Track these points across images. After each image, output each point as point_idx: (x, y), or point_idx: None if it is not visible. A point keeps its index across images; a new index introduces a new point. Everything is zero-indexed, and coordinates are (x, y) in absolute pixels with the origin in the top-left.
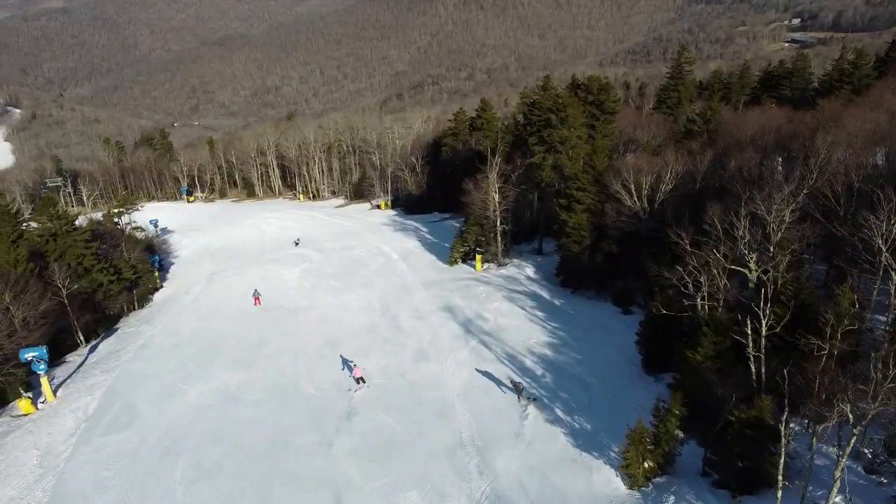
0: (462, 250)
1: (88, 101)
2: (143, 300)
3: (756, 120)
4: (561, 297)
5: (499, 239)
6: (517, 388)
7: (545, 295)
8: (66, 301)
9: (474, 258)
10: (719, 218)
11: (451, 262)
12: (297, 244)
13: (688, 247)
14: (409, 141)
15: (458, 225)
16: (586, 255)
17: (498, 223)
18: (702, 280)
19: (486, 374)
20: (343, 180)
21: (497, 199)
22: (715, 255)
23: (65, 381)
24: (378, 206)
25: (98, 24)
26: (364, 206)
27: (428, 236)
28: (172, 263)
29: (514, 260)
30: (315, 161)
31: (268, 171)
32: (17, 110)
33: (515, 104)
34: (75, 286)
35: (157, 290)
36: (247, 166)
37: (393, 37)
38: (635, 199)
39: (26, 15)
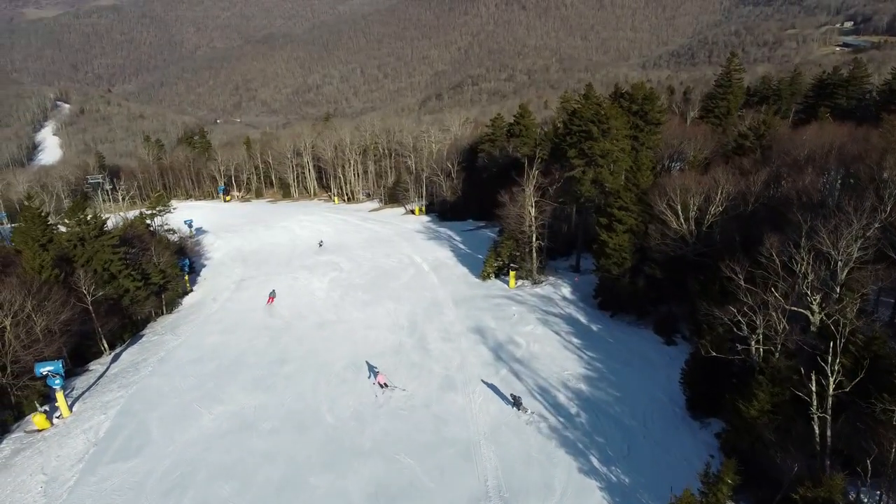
0: (495, 265)
1: (135, 97)
2: (172, 305)
3: (814, 136)
4: (599, 321)
5: (534, 255)
6: (516, 402)
7: (582, 319)
8: (90, 308)
9: (508, 274)
10: (777, 250)
11: (484, 277)
12: (321, 245)
13: (742, 282)
14: (446, 145)
15: (492, 235)
16: (627, 278)
17: (533, 239)
18: (757, 321)
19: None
20: (378, 183)
21: (533, 213)
22: (773, 295)
23: (83, 394)
24: (412, 211)
25: (146, 21)
26: (398, 211)
27: (461, 246)
28: (204, 265)
29: (550, 278)
30: (350, 163)
31: (304, 172)
32: (67, 105)
33: (555, 107)
34: (100, 293)
35: (186, 293)
36: (283, 167)
37: (434, 36)
38: (681, 220)
39: (78, 12)
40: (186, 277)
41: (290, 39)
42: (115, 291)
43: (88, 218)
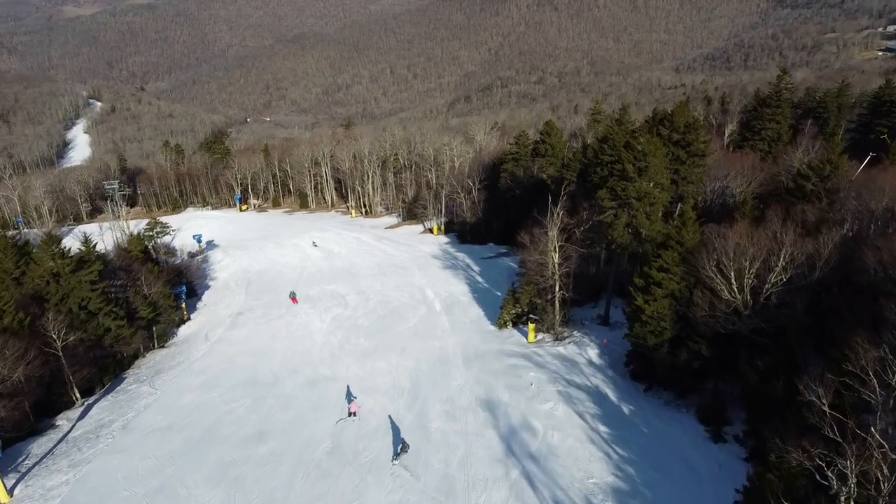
0: (513, 312)
1: (168, 95)
2: (164, 337)
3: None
4: (630, 398)
5: (556, 306)
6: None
7: (610, 394)
8: (60, 354)
9: (527, 323)
10: (872, 359)
11: (500, 325)
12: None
13: (825, 408)
14: (468, 160)
15: (513, 265)
16: (665, 349)
17: (556, 289)
18: (848, 467)
19: None
20: (397, 196)
21: (557, 260)
22: (874, 436)
23: (33, 467)
24: (430, 230)
25: (180, 19)
26: (416, 229)
27: (478, 279)
28: (209, 286)
29: (574, 332)
30: (369, 175)
31: (321, 182)
32: (98, 103)
33: (585, 118)
34: (71, 337)
35: (183, 322)
36: (301, 175)
37: (464, 37)
38: (734, 289)
39: (115, 10)
40: (184, 305)
41: (321, 39)
42: (94, 332)
43: (63, 251)
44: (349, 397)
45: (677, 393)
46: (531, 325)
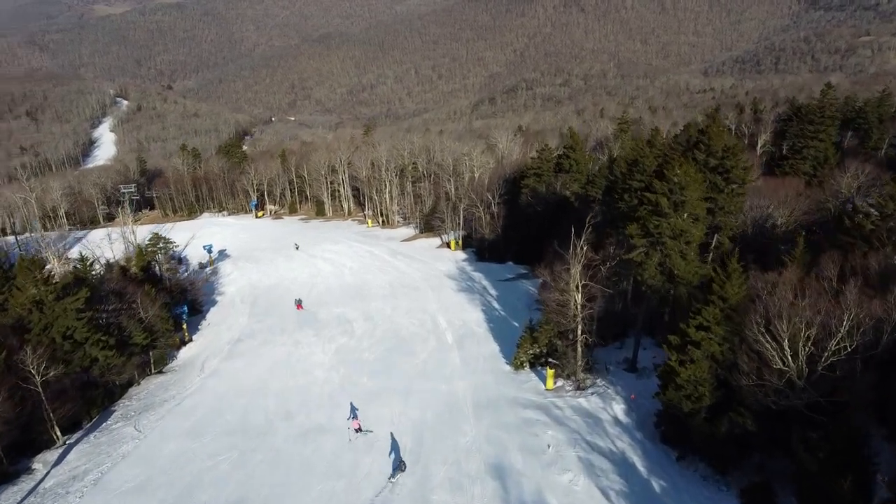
0: (531, 352)
1: (194, 94)
2: (162, 362)
3: None
4: (662, 469)
5: (579, 352)
6: None
7: (639, 463)
8: (40, 390)
9: (545, 365)
10: None
11: (516, 366)
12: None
13: None
14: (488, 171)
15: (532, 290)
16: (702, 416)
17: (579, 333)
18: None
19: None
20: (416, 205)
21: (580, 301)
22: None
23: None
24: (447, 244)
25: (208, 18)
26: (432, 242)
27: (495, 305)
28: (216, 302)
29: (598, 381)
30: (386, 185)
31: (338, 190)
32: (125, 101)
33: (612, 115)
34: (51, 373)
35: (184, 343)
36: (318, 183)
37: (489, 38)
38: (787, 355)
39: (144, 9)
40: (185, 326)
41: (347, 39)
42: (80, 363)
43: (47, 276)
44: (353, 413)
45: (716, 466)
46: (550, 372)
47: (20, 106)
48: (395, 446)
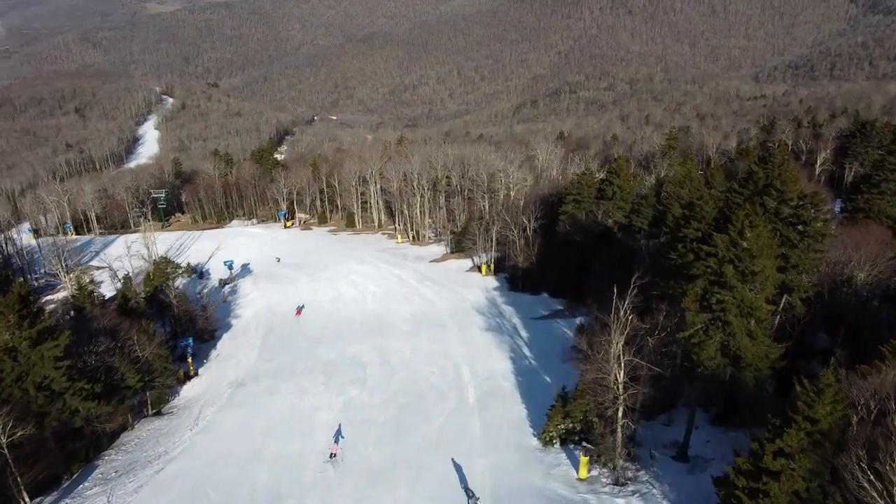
0: (562, 427)
1: (240, 92)
2: (161, 402)
3: None
4: None
5: (619, 436)
6: None
7: None
8: (6, 452)
9: (579, 443)
10: None
11: (545, 441)
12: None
13: None
14: (525, 189)
15: (568, 332)
16: None
17: (619, 414)
18: None
19: None
20: (448, 220)
21: (622, 379)
22: None
23: None
24: (478, 268)
25: (255, 17)
26: (463, 264)
27: (526, 351)
28: (231, 326)
29: (640, 473)
30: (418, 199)
31: (369, 202)
32: (170, 99)
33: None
34: (19, 433)
35: (189, 378)
36: (348, 193)
37: (534, 39)
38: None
39: (194, 7)
40: (190, 359)
41: (391, 39)
42: (58, 416)
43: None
44: (337, 436)
45: None
46: (583, 459)
47: (69, 102)
48: None
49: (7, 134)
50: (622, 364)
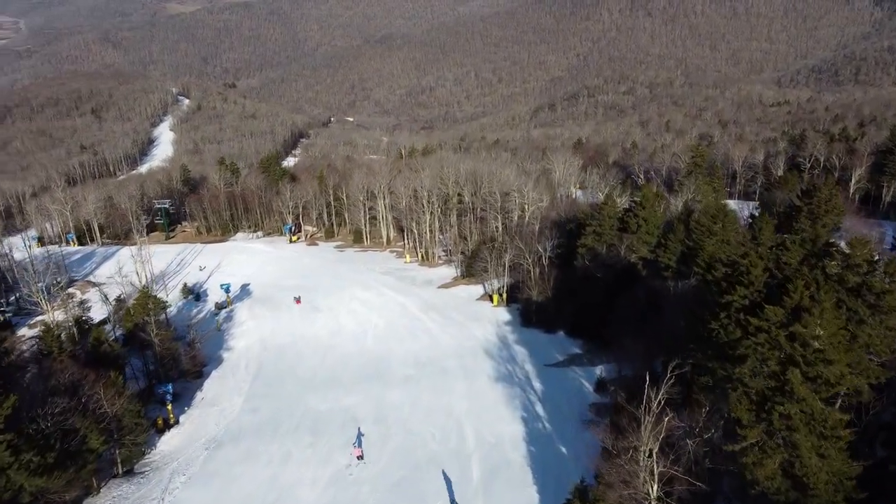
0: None
1: (257, 92)
2: (134, 458)
3: None
4: None
5: None
6: None
7: None
8: None
9: None
10: None
11: None
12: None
13: None
14: (540, 211)
15: (587, 384)
16: None
17: None
18: None
19: None
20: (459, 240)
21: (655, 493)
22: None
23: None
24: (490, 296)
25: (274, 18)
26: (473, 291)
27: (539, 411)
28: (222, 360)
29: None
30: (427, 218)
31: (377, 217)
32: (186, 100)
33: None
34: None
35: (169, 427)
36: (356, 209)
37: (552, 41)
38: None
39: (213, 8)
40: (170, 406)
41: (408, 40)
42: None
43: None
44: (358, 439)
45: None
46: None
47: (86, 103)
48: None
49: (23, 135)
50: (655, 474)
